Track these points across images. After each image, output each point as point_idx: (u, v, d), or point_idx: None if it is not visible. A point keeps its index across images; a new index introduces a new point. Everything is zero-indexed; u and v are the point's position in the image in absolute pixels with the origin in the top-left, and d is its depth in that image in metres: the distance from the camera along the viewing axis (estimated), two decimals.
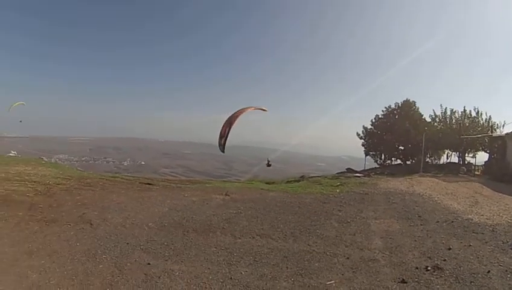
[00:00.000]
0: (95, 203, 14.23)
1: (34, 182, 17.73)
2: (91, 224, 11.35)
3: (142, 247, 9.36)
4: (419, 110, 43.94)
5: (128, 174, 34.23)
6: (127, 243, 9.59)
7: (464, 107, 42.04)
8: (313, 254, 9.12)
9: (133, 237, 10.19)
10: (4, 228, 10.75)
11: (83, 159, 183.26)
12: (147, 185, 19.80)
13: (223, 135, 16.32)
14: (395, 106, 44.35)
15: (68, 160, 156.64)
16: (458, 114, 42.32)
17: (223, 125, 16.49)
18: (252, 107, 17.70)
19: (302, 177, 29.98)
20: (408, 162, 42.72)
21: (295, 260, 8.73)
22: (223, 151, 16.62)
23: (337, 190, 19.77)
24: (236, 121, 16.43)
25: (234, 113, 16.72)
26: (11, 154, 38.30)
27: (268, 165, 23.22)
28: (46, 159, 36.65)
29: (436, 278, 7.79)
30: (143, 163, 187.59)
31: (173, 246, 9.46)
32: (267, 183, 26.04)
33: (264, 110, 17.98)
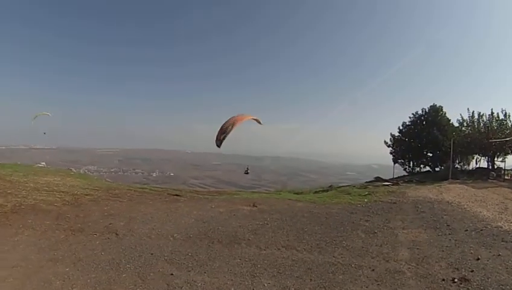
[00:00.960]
0: (122, 214, 14.35)
1: (62, 192, 18.02)
2: (117, 234, 11.45)
3: (166, 257, 9.35)
4: (447, 114, 43.26)
5: (157, 186, 34.54)
6: (152, 254, 9.62)
7: (492, 109, 41.39)
8: (338, 266, 9.01)
9: (157, 247, 10.21)
10: (31, 235, 11.00)
11: (112, 170, 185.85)
12: (175, 197, 19.90)
13: (224, 131, 16.37)
14: (422, 111, 43.85)
15: (97, 171, 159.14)
16: (486, 117, 41.54)
17: (227, 123, 16.55)
18: (250, 116, 17.85)
19: (331, 186, 30.08)
20: (437, 169, 42.23)
21: (319, 272, 8.63)
22: (219, 146, 16.64)
23: (365, 200, 19.64)
24: (238, 124, 16.52)
25: (237, 116, 16.82)
26: (40, 165, 38.88)
27: (246, 172, 23.34)
28: (74, 170, 37.15)
29: None
30: (172, 174, 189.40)
31: (197, 257, 9.43)
32: (295, 193, 26.05)
33: (259, 122, 18.07)
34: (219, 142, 16.55)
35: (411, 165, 45.96)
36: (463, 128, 42.98)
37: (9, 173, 22.31)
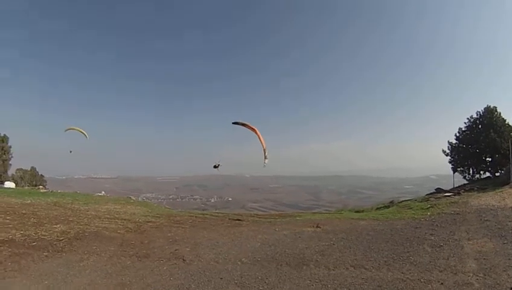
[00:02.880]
0: (187, 240, 14.56)
1: (124, 219, 18.57)
2: (184, 260, 11.60)
3: (236, 282, 9.44)
4: (502, 115, 41.66)
5: (217, 211, 35.03)
6: (221, 278, 9.70)
7: None
8: (407, 282, 8.97)
9: (226, 272, 10.30)
10: (97, 261, 11.30)
11: (170, 197, 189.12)
12: (237, 221, 20.20)
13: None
14: (477, 115, 42.59)
15: (156, 198, 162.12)
16: None
17: (260, 139, 16.87)
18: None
19: (392, 202, 29.64)
20: (497, 174, 40.87)
21: (389, 289, 8.63)
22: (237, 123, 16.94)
23: (428, 213, 19.34)
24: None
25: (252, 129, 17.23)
26: (99, 194, 40.10)
27: (216, 167, 23.53)
28: (134, 198, 38.09)
29: None
30: (230, 199, 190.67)
31: (267, 280, 9.49)
32: (356, 211, 26.02)
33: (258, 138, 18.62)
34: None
35: (471, 172, 44.63)
36: None
37: (69, 201, 23.16)
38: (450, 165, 44.99)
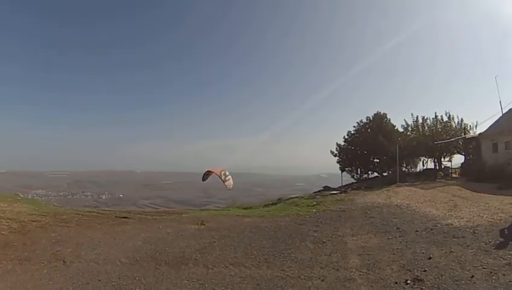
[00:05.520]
0: (70, 240, 13.97)
1: (9, 219, 17.40)
2: (64, 262, 11.11)
3: (113, 283, 9.14)
4: (391, 121, 45.58)
5: (107, 208, 33.98)
6: (99, 280, 9.39)
7: (435, 113, 43.95)
8: (287, 279, 8.94)
9: (105, 273, 9.97)
10: None
11: (61, 194, 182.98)
12: (123, 219, 19.57)
13: (207, 175, 17.93)
14: (367, 119, 45.64)
15: (46, 195, 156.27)
16: (430, 121, 43.55)
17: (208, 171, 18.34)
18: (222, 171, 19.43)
19: (280, 199, 30.01)
20: (385, 174, 43.59)
21: (268, 287, 8.55)
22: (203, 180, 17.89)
23: (313, 210, 19.72)
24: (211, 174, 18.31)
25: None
26: None
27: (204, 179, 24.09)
28: (22, 195, 36.06)
29: None
30: (121, 196, 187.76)
31: (145, 281, 9.26)
32: (244, 208, 26.13)
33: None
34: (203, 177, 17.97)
35: (359, 172, 47.53)
36: (408, 133, 45.07)
37: None
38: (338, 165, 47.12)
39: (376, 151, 43.58)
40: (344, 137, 48.07)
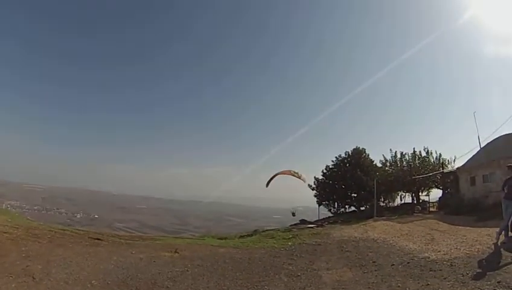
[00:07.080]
0: (40, 257, 13.64)
1: None
2: (34, 278, 10.86)
3: None
4: (370, 156, 46.93)
5: (80, 228, 33.49)
6: None
7: (414, 148, 44.99)
8: None
9: None
10: None
11: (35, 207, 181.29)
12: (96, 240, 19.14)
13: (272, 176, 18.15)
14: (346, 154, 46.49)
15: (20, 207, 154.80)
16: (408, 156, 44.91)
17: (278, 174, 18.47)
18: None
19: (256, 231, 29.97)
20: (362, 208, 44.03)
21: None
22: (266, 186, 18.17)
23: (289, 243, 19.66)
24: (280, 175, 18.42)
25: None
26: None
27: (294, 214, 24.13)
28: None
29: None
30: (96, 216, 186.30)
31: None
32: (219, 239, 25.87)
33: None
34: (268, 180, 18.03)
35: (336, 206, 47.74)
36: (386, 168, 45.75)
37: None
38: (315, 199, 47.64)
39: (354, 185, 43.92)
40: (322, 171, 48.62)
